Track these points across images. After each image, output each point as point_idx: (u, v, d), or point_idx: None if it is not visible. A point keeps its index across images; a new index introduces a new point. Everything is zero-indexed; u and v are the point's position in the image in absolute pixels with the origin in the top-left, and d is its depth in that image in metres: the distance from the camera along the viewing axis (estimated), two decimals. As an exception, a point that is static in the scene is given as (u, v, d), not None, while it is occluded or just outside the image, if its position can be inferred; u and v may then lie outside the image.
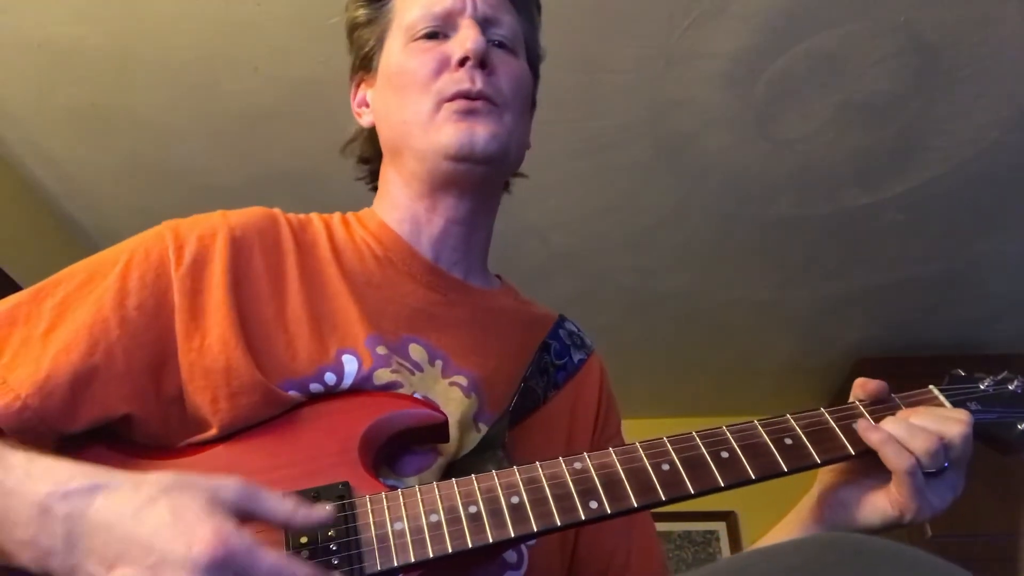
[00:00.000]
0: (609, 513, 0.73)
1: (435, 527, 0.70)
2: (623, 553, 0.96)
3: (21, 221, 2.66)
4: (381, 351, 0.85)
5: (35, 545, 0.60)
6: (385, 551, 0.69)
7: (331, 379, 0.82)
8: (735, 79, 2.31)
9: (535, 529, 0.71)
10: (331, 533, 0.70)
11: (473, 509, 0.72)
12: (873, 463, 0.79)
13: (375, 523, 0.71)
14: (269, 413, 0.80)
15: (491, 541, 0.70)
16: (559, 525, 0.72)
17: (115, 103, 2.39)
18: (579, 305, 3.08)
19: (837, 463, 0.83)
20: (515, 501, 0.72)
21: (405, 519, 0.71)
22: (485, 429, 0.88)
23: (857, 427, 0.81)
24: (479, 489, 0.73)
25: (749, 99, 2.37)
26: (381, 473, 0.80)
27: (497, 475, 0.74)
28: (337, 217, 1.01)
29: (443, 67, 0.93)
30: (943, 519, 0.81)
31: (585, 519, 0.72)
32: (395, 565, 0.68)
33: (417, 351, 0.89)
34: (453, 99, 0.91)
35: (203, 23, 2.15)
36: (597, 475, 0.75)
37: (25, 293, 0.81)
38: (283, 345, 0.83)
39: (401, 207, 0.98)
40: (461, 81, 0.92)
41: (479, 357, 0.92)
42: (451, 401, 0.86)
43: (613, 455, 0.76)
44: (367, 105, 1.04)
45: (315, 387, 0.82)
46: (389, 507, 0.72)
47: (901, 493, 0.78)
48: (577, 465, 0.76)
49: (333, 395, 0.83)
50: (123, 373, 0.78)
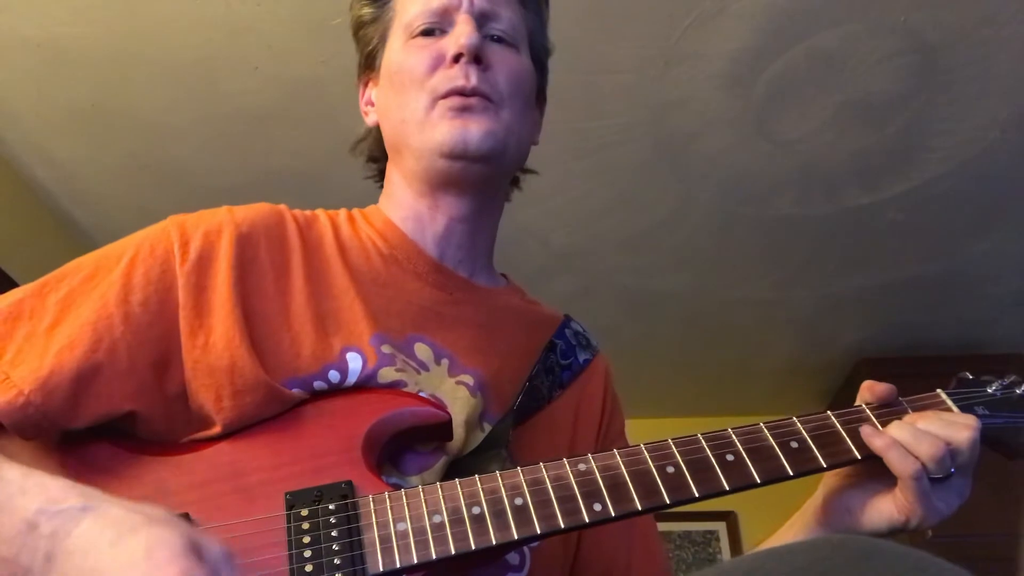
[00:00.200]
0: (613, 516, 0.72)
1: (438, 528, 0.70)
2: (625, 554, 0.96)
3: (21, 221, 2.65)
4: (386, 350, 0.85)
5: (15, 563, 0.59)
6: (388, 551, 0.69)
7: (335, 377, 0.82)
8: (735, 79, 2.31)
9: (538, 531, 0.71)
10: (334, 533, 0.70)
11: (476, 510, 0.71)
12: (879, 467, 0.79)
13: (378, 523, 0.71)
14: (273, 411, 0.79)
15: (494, 543, 0.70)
16: (562, 527, 0.71)
17: (115, 103, 2.39)
18: (579, 305, 3.07)
19: (843, 467, 0.82)
20: (519, 503, 0.72)
21: (408, 519, 0.71)
22: (490, 428, 0.88)
23: (862, 432, 0.80)
24: (482, 490, 0.73)
25: (749, 99, 2.37)
26: (384, 471, 0.80)
27: (501, 476, 0.74)
28: (343, 214, 1.00)
29: (438, 64, 0.93)
30: (944, 522, 0.80)
31: (589, 521, 0.72)
32: (398, 566, 0.68)
33: (423, 350, 0.89)
34: (447, 96, 0.91)
35: (203, 23, 2.15)
36: (601, 477, 0.74)
37: (29, 287, 0.80)
38: (287, 343, 0.83)
39: (405, 206, 0.98)
40: (455, 78, 0.91)
41: (485, 356, 0.92)
42: (458, 400, 0.86)
43: (618, 457, 0.76)
44: (373, 104, 1.04)
45: (319, 385, 0.82)
46: (392, 507, 0.72)
47: (907, 498, 0.78)
48: (581, 467, 0.75)
49: (337, 393, 0.82)
50: (127, 370, 0.77)
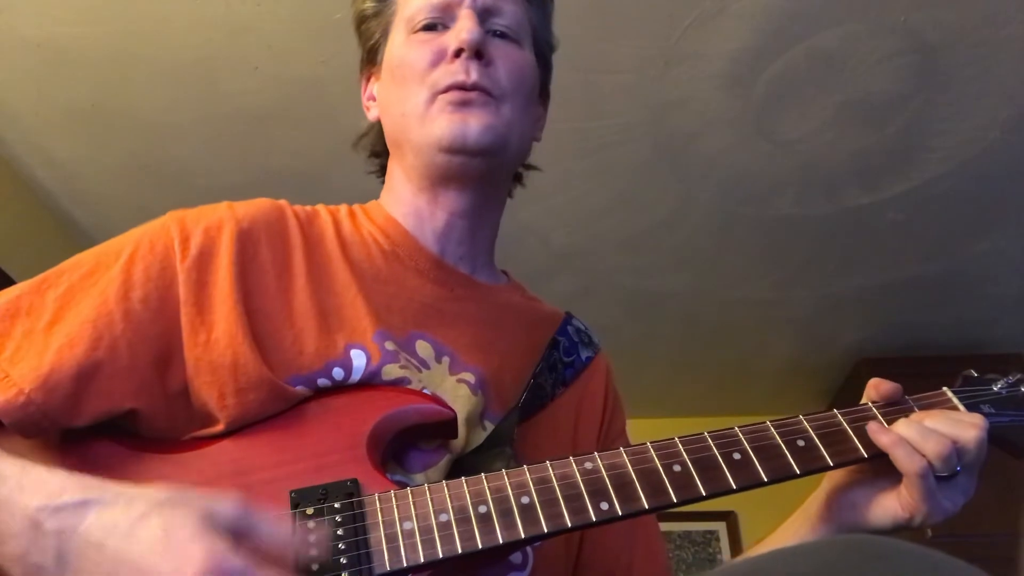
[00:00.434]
0: (620, 515, 0.72)
1: (444, 527, 0.70)
2: (627, 554, 0.96)
3: (21, 221, 2.65)
4: (390, 347, 0.85)
5: (26, 560, 0.58)
6: (394, 551, 0.68)
7: (339, 374, 0.82)
8: (735, 79, 2.31)
9: (545, 530, 0.70)
10: (340, 532, 0.69)
11: (483, 509, 0.71)
12: (884, 464, 0.79)
13: (384, 522, 0.70)
14: (276, 408, 0.79)
15: (501, 542, 0.69)
16: (569, 526, 0.71)
17: (115, 103, 2.38)
18: (579, 305, 3.06)
19: (850, 466, 0.82)
20: (525, 501, 0.72)
21: (414, 518, 0.70)
22: (490, 427, 0.88)
23: (868, 429, 0.80)
24: (489, 489, 0.72)
25: (749, 99, 2.37)
26: (389, 468, 0.80)
27: (507, 475, 0.74)
28: (344, 209, 1.00)
29: (440, 59, 0.92)
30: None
31: (596, 520, 0.71)
32: (404, 565, 0.68)
33: (424, 348, 0.88)
34: (447, 91, 0.90)
35: (203, 23, 2.15)
36: (608, 476, 0.74)
37: (27, 284, 0.79)
38: (290, 339, 0.82)
39: (405, 201, 0.97)
40: (456, 73, 0.90)
41: (486, 354, 0.92)
42: (459, 399, 0.86)
43: (624, 455, 0.75)
44: (375, 99, 1.03)
45: (323, 382, 0.81)
46: (398, 506, 0.71)
47: (912, 496, 0.78)
48: (588, 465, 0.75)
49: (341, 390, 0.82)
50: (127, 368, 0.77)
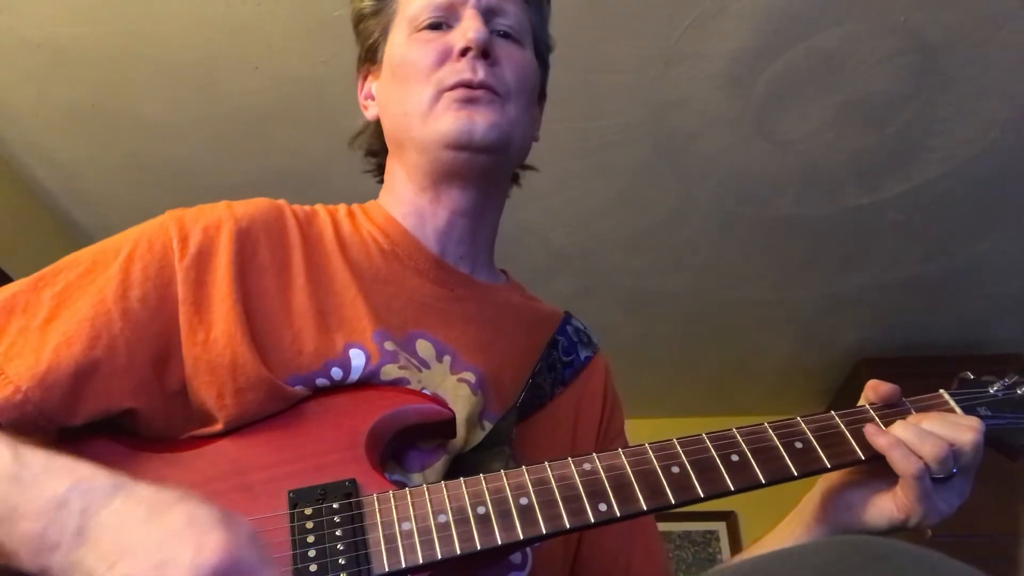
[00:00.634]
0: (619, 516, 0.72)
1: (443, 528, 0.70)
2: (625, 554, 0.96)
3: (21, 221, 2.65)
4: (389, 347, 0.85)
5: (40, 539, 0.59)
6: (393, 551, 0.68)
7: (338, 374, 0.82)
8: (735, 79, 2.31)
9: (544, 531, 0.70)
10: (338, 533, 0.69)
11: (482, 510, 0.71)
12: (881, 465, 0.79)
13: (383, 523, 0.70)
14: (275, 408, 0.79)
15: (499, 543, 0.69)
16: (568, 528, 0.71)
17: (115, 103, 2.38)
18: (579, 305, 3.05)
19: (847, 467, 0.82)
20: (524, 503, 0.72)
21: (413, 519, 0.70)
22: (489, 427, 0.88)
23: (865, 431, 0.80)
24: (487, 490, 0.72)
25: (749, 99, 2.37)
26: (387, 468, 0.80)
27: (506, 475, 0.74)
28: (343, 209, 1.00)
29: (445, 58, 0.93)
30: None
31: (595, 521, 0.71)
32: (403, 566, 0.68)
33: (424, 347, 0.88)
34: (454, 88, 0.91)
35: (203, 23, 2.15)
36: (607, 477, 0.74)
37: (24, 282, 0.79)
38: (289, 339, 0.82)
39: (406, 201, 0.98)
40: (462, 71, 0.91)
41: (486, 353, 0.92)
42: (459, 398, 0.86)
43: (623, 456, 0.76)
44: (373, 98, 1.03)
45: (322, 382, 0.81)
46: (397, 506, 0.71)
47: (908, 497, 0.78)
48: (586, 466, 0.75)
49: (340, 390, 0.82)
50: (125, 367, 0.77)
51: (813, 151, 2.54)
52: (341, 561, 0.68)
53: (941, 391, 0.87)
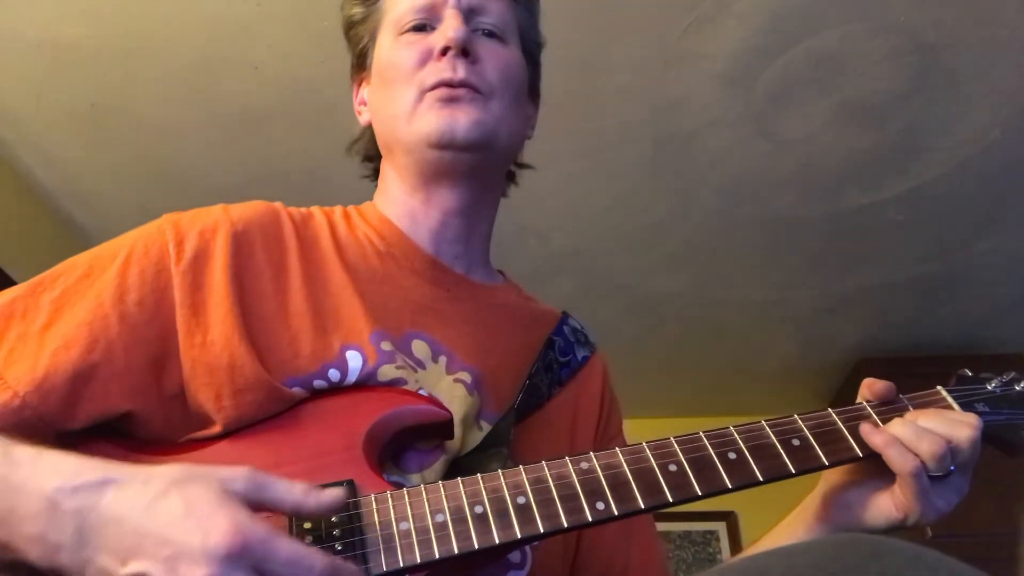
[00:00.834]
0: (616, 514, 0.72)
1: (441, 527, 0.70)
2: (624, 554, 0.96)
3: (21, 221, 2.65)
4: (386, 347, 0.85)
5: (44, 540, 0.59)
6: (391, 551, 0.68)
7: (335, 375, 0.82)
8: (735, 79, 2.31)
9: (541, 530, 0.70)
10: (336, 532, 0.69)
11: (479, 509, 0.71)
12: (880, 464, 0.79)
13: (380, 523, 0.70)
14: (273, 410, 0.79)
15: (497, 542, 0.69)
16: (566, 526, 0.71)
17: (115, 103, 2.38)
18: (579, 305, 3.05)
19: (845, 465, 0.82)
20: (521, 502, 0.72)
21: (411, 519, 0.70)
22: (487, 427, 0.88)
23: (861, 430, 0.80)
24: (485, 489, 0.72)
25: (749, 99, 2.37)
26: (385, 469, 0.80)
27: (503, 475, 0.74)
28: (339, 211, 1.00)
29: (427, 58, 0.93)
30: (943, 519, 0.81)
31: (592, 520, 0.71)
32: (401, 566, 0.68)
33: (420, 347, 0.89)
34: (435, 88, 0.91)
35: (203, 23, 2.15)
36: (604, 476, 0.74)
37: (22, 287, 0.79)
38: (286, 341, 0.83)
39: (399, 202, 0.98)
40: (443, 70, 0.92)
41: (482, 353, 0.92)
42: (455, 398, 0.86)
43: (620, 455, 0.76)
44: (366, 103, 1.04)
45: (319, 383, 0.81)
46: (395, 507, 0.71)
47: (905, 495, 0.78)
48: (584, 465, 0.75)
49: (337, 391, 0.82)
50: (123, 370, 0.77)
51: (813, 151, 2.54)
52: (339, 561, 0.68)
53: (938, 388, 0.87)
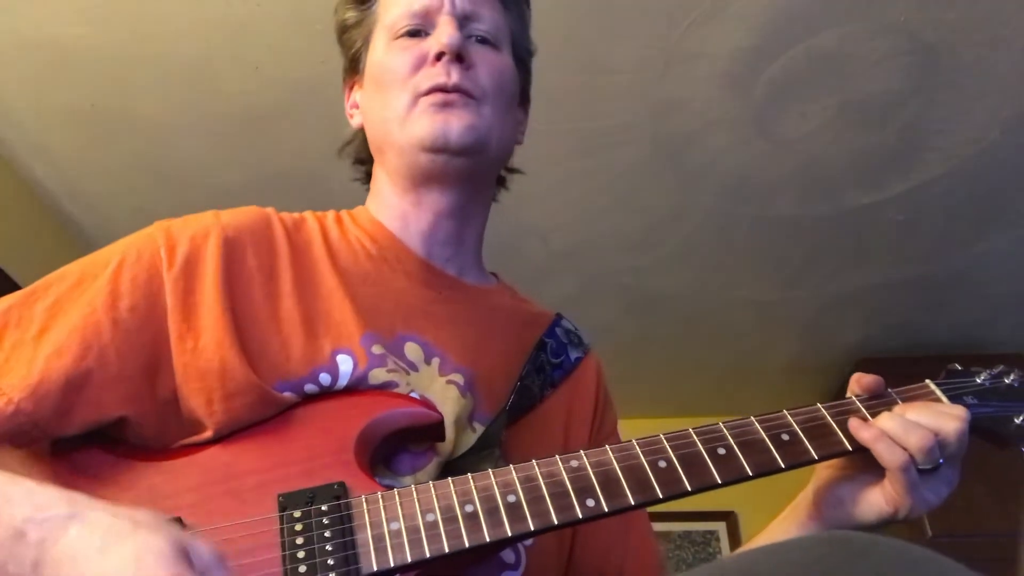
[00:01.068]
0: (606, 511, 0.72)
1: (431, 527, 0.70)
2: (619, 552, 0.96)
3: (21, 221, 2.66)
4: (377, 350, 0.85)
5: (4, 570, 0.59)
6: (381, 551, 0.69)
7: (326, 380, 0.82)
8: (735, 79, 2.31)
9: (532, 528, 0.71)
10: (327, 534, 0.70)
11: (469, 508, 0.71)
12: (869, 459, 0.80)
13: (371, 523, 0.71)
14: (264, 414, 0.80)
15: (488, 540, 0.70)
16: (556, 524, 0.71)
17: (115, 103, 2.39)
18: (579, 305, 3.08)
19: (834, 459, 0.82)
20: (512, 500, 0.72)
21: (401, 519, 0.71)
22: (480, 428, 0.88)
23: (849, 425, 0.81)
24: (475, 488, 0.73)
25: (749, 99, 2.37)
26: (377, 472, 0.80)
27: (493, 474, 0.74)
28: (331, 215, 1.01)
29: (421, 63, 0.94)
30: (943, 519, 0.81)
31: (582, 517, 0.72)
32: (391, 565, 0.68)
33: (413, 350, 0.89)
34: (429, 92, 0.92)
35: (203, 23, 2.15)
36: (594, 473, 0.74)
37: (16, 296, 0.80)
38: (277, 346, 0.83)
39: (390, 205, 0.99)
40: (437, 75, 0.93)
41: (475, 355, 0.92)
42: (448, 400, 0.86)
43: (610, 453, 0.76)
44: (357, 107, 1.05)
45: (310, 388, 0.82)
46: (385, 507, 0.72)
47: (895, 489, 0.79)
48: (574, 463, 0.75)
49: (328, 395, 0.82)
50: (116, 376, 0.77)
51: (813, 151, 2.54)
52: (330, 562, 0.68)
53: (927, 381, 0.87)
